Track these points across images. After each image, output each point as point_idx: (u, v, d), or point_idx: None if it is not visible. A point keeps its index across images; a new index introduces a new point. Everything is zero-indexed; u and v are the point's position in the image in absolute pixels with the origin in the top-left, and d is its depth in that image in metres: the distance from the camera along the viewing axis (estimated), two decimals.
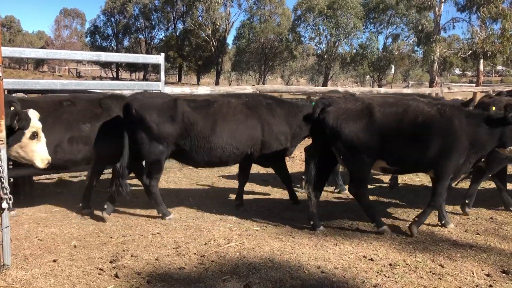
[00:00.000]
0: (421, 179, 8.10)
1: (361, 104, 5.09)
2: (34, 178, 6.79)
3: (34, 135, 4.67)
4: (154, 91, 7.69)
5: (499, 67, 48.99)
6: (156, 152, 5.39)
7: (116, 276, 3.87)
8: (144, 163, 5.71)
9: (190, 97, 5.98)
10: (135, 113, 5.31)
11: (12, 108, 4.56)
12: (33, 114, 4.71)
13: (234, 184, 6.97)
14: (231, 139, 5.56)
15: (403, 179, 8.08)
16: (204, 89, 9.56)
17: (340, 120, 4.96)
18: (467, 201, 5.99)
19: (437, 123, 4.94)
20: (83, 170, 6.36)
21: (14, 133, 4.49)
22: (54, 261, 4.16)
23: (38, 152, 4.73)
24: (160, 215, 5.53)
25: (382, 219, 5.68)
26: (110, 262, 4.15)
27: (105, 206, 5.45)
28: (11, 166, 5.59)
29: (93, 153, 5.54)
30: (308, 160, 5.39)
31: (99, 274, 3.92)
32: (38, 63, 64.47)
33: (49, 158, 4.79)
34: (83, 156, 5.50)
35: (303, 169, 8.63)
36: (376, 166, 5.21)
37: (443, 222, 5.43)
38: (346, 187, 5.92)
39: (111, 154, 5.51)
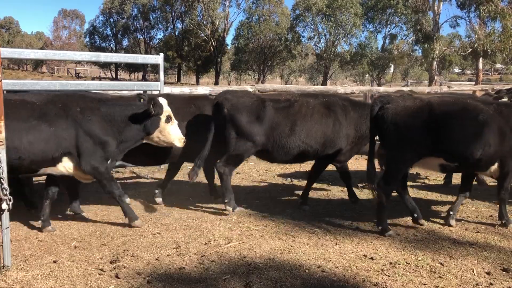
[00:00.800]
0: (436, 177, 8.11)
1: (420, 102, 5.17)
2: (34, 179, 6.78)
3: (168, 119, 5.23)
4: (153, 91, 7.69)
5: (498, 65, 48.99)
6: (242, 149, 5.72)
7: (117, 276, 3.87)
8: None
9: (271, 96, 6.39)
10: (227, 112, 5.69)
11: (141, 100, 5.46)
12: (164, 101, 5.26)
13: (233, 184, 6.96)
14: (308, 138, 5.81)
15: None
16: (204, 89, 9.56)
17: (399, 117, 5.08)
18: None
19: (496, 121, 5.04)
20: None
21: (151, 119, 5.12)
22: (55, 262, 4.15)
23: (175, 133, 5.31)
24: (226, 201, 5.71)
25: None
26: (111, 262, 4.15)
27: (156, 191, 6.18)
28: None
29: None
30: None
31: (99, 274, 3.92)
32: (37, 64, 64.40)
33: (184, 137, 5.37)
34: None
35: (301, 169, 8.64)
36: (433, 163, 5.25)
37: (503, 221, 5.41)
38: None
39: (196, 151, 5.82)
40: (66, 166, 4.84)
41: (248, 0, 53.70)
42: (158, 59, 7.76)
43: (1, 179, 3.82)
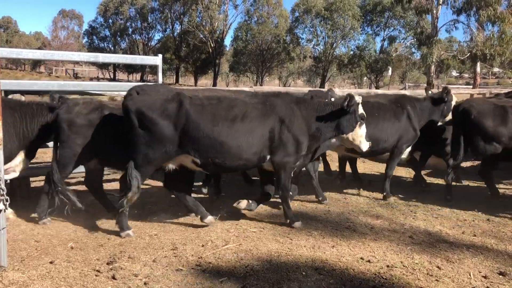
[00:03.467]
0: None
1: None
2: (31, 179, 6.78)
3: (361, 119, 5.38)
4: None
5: (496, 69, 49.16)
6: (489, 150, 6.50)
7: (113, 277, 3.86)
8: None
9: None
10: (474, 118, 6.41)
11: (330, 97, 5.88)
12: (359, 98, 5.32)
13: (231, 186, 6.97)
14: None
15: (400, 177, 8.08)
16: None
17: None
18: None
19: None
20: (80, 171, 6.32)
21: (345, 118, 5.27)
22: (51, 262, 4.14)
23: (363, 136, 5.43)
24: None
25: (379, 220, 5.70)
26: (107, 263, 4.14)
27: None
28: None
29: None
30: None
31: (96, 275, 3.91)
32: (35, 64, 64.28)
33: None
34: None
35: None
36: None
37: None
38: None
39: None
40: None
41: (247, 2, 53.79)
42: (156, 60, 7.75)
43: None
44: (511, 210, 6.22)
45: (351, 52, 49.55)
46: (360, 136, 5.46)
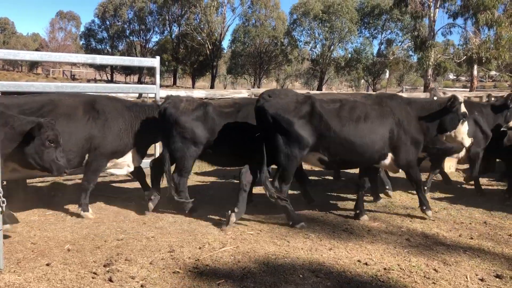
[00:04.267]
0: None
1: None
2: (28, 181, 6.75)
3: (463, 116, 5.66)
4: (149, 94, 7.69)
5: (493, 73, 49.33)
6: None
7: (110, 280, 3.85)
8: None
9: None
10: None
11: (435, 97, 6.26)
12: (462, 98, 5.63)
13: (228, 189, 6.96)
14: None
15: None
16: (200, 92, 9.56)
17: None
18: None
19: None
20: (78, 173, 6.31)
21: (449, 116, 5.62)
22: (48, 264, 4.13)
23: (465, 133, 5.70)
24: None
25: (376, 223, 5.71)
26: (104, 266, 4.13)
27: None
28: None
29: None
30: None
31: (92, 278, 3.90)
32: (32, 65, 64.12)
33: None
34: None
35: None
36: None
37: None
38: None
39: None
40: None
41: (245, 4, 53.83)
42: (154, 62, 7.75)
43: None
44: (509, 212, 6.23)
45: (349, 55, 49.64)
46: (462, 133, 5.78)
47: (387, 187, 7.01)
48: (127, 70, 63.03)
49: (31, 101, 5.45)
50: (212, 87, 51.63)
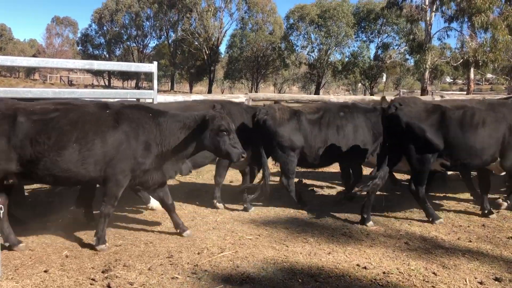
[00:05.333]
0: None
1: None
2: (25, 187, 6.73)
3: None
4: (147, 99, 7.68)
5: (489, 75, 49.55)
6: None
7: (108, 286, 3.83)
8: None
9: None
10: None
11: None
12: None
13: (226, 192, 6.96)
14: None
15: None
16: (197, 97, 9.56)
17: None
18: None
19: None
20: None
21: None
22: (45, 271, 4.11)
23: None
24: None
25: (374, 227, 5.70)
26: (102, 272, 4.11)
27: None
28: None
29: None
30: None
31: (91, 284, 3.88)
32: (30, 71, 64.00)
33: None
34: None
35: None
36: None
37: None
38: None
39: None
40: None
41: (241, 9, 53.99)
42: (152, 67, 7.75)
43: None
44: (507, 215, 6.24)
45: (346, 59, 49.77)
46: None
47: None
48: (125, 76, 63.09)
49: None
50: (209, 92, 51.67)
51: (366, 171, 8.21)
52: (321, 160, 6.64)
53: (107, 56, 64.36)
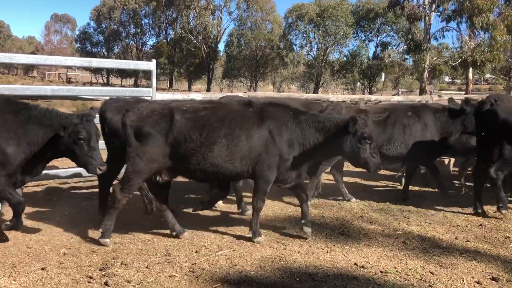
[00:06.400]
0: None
1: None
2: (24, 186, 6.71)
3: None
4: (145, 97, 7.65)
5: (488, 76, 49.62)
6: None
7: (106, 284, 3.83)
8: None
9: None
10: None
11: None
12: None
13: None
14: None
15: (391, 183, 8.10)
16: (196, 95, 9.54)
17: None
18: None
19: None
20: (73, 177, 6.30)
21: None
22: (43, 269, 4.10)
23: None
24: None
25: (372, 226, 5.71)
26: (100, 270, 4.11)
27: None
28: None
29: None
30: None
31: (88, 282, 3.88)
32: (28, 68, 63.83)
33: None
34: None
35: None
36: None
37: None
38: None
39: None
40: None
41: (240, 8, 53.91)
42: (150, 65, 7.73)
43: None
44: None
45: (344, 58, 49.78)
46: None
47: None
48: (123, 73, 62.93)
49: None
50: (208, 90, 51.61)
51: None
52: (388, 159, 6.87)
53: (106, 53, 64.19)
